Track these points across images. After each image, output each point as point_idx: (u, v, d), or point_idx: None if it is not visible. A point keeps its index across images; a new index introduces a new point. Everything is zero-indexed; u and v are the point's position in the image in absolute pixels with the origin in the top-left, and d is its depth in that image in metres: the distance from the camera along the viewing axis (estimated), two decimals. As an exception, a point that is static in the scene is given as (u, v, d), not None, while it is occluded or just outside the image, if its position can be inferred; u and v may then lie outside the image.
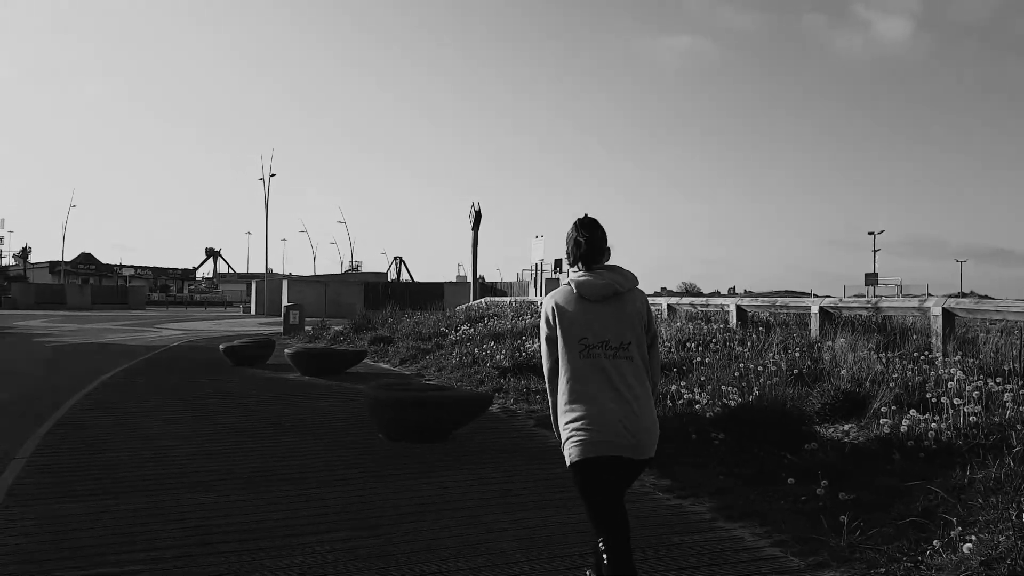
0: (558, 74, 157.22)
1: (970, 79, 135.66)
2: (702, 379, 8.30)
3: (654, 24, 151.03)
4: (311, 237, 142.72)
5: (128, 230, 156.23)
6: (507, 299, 22.86)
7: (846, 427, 6.43)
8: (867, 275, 63.57)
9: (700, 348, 10.32)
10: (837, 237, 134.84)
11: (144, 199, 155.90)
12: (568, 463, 2.82)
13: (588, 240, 2.91)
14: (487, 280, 51.89)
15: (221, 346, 14.38)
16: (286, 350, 12.72)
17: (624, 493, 2.91)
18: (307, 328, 24.32)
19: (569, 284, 2.92)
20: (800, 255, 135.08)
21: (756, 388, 7.46)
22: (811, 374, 8.00)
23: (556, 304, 2.88)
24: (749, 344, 10.09)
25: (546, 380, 2.97)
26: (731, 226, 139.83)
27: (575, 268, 2.96)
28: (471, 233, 26.08)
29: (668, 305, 14.47)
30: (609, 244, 2.95)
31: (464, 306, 25.90)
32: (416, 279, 71.04)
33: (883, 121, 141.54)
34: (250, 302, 54.84)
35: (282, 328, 25.00)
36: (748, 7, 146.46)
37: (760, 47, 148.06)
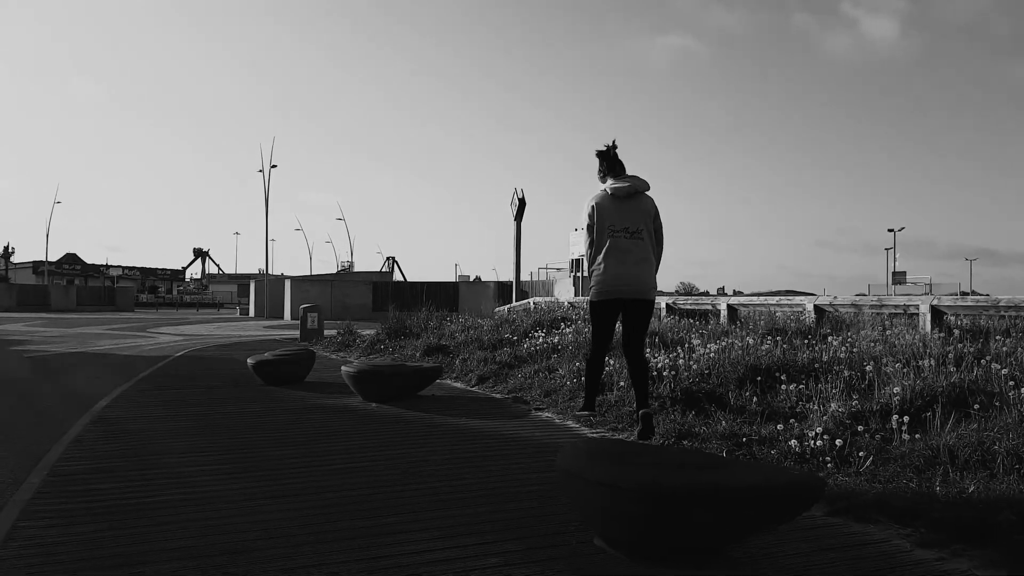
0: (549, 74, 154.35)
1: (957, 79, 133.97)
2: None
3: (644, 23, 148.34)
4: (307, 236, 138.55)
5: (114, 230, 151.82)
6: (564, 299, 19.81)
7: None
8: (894, 274, 61.02)
9: (947, 366, 7.29)
10: (825, 238, 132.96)
11: (130, 199, 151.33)
12: (591, 300, 4.79)
13: (614, 160, 4.82)
14: (499, 279, 48.76)
15: (249, 360, 11.23)
16: (344, 367, 9.58)
17: (643, 332, 5.22)
18: (330, 332, 21.15)
19: (605, 189, 4.77)
20: (789, 255, 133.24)
21: None
22: None
23: (596, 203, 4.72)
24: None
25: (586, 249, 4.73)
26: (720, 226, 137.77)
27: (606, 180, 4.87)
28: (513, 224, 22.95)
29: (816, 306, 11.43)
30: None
31: (507, 308, 22.84)
32: (408, 279, 67.45)
33: (870, 121, 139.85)
34: (248, 303, 51.47)
35: (299, 333, 21.84)
36: (737, 6, 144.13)
37: (750, 46, 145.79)
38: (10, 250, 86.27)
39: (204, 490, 5.03)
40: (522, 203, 22.70)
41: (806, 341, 9.43)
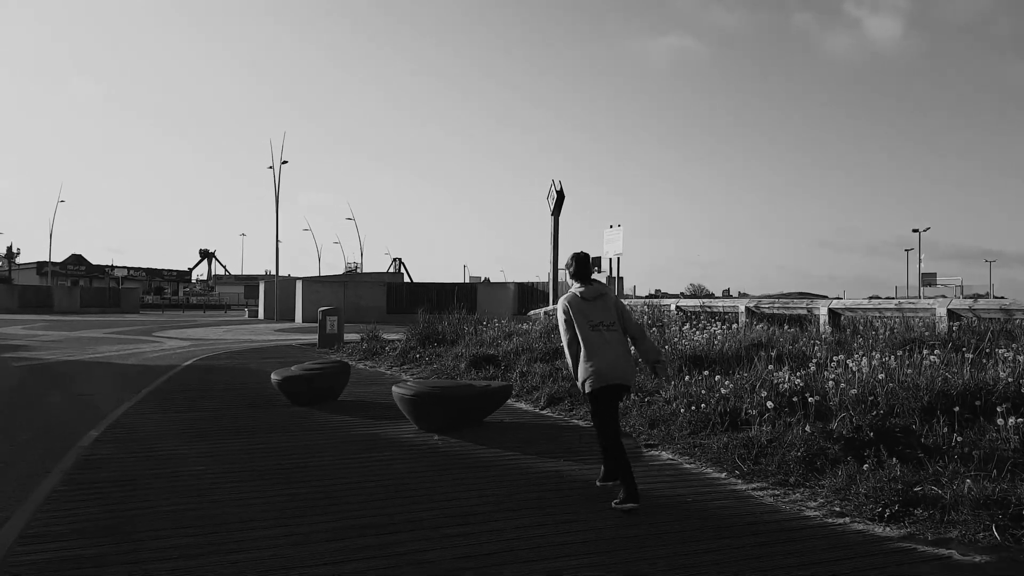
0: (551, 75, 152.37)
1: (959, 79, 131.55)
2: None
3: (644, 23, 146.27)
4: (315, 237, 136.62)
5: (117, 232, 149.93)
6: (644, 300, 17.93)
7: None
8: (923, 275, 58.81)
9: None
10: (826, 238, 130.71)
11: (132, 200, 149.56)
12: (588, 391, 4.91)
13: (586, 267, 5.16)
14: (506, 280, 46.79)
15: (274, 376, 9.37)
16: (396, 388, 7.70)
17: (618, 407, 5.25)
18: (351, 337, 19.31)
19: (574, 292, 5.09)
20: (788, 256, 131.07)
21: None
22: None
23: (570, 303, 5.03)
24: None
25: (567, 346, 5.03)
26: (719, 227, 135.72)
27: (575, 281, 5.17)
28: (551, 219, 21.07)
29: (950, 311, 9.52)
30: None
31: (543, 311, 21.00)
32: (414, 280, 65.06)
33: (870, 121, 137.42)
34: (257, 305, 49.68)
35: (317, 339, 19.98)
36: (737, 5, 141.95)
37: (750, 46, 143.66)
38: (14, 251, 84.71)
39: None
40: (560, 196, 20.79)
41: (967, 356, 7.52)
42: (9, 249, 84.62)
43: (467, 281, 65.03)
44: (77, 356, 16.49)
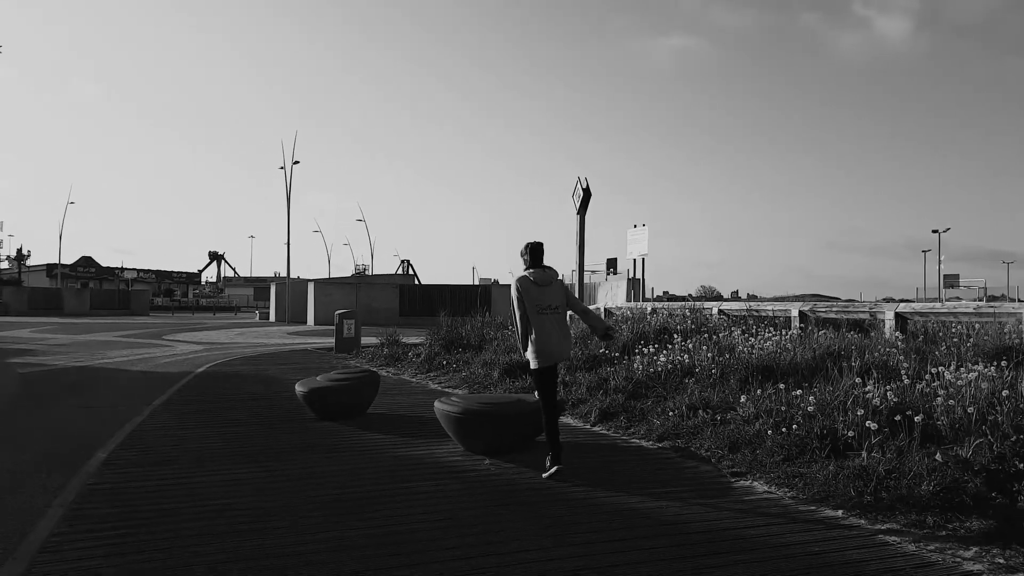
0: (555, 75, 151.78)
1: (968, 78, 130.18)
2: None
3: (648, 24, 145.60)
4: (324, 238, 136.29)
5: (128, 233, 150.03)
6: (680, 304, 17.07)
7: None
8: (946, 276, 57.62)
9: None
10: (834, 239, 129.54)
11: (139, 202, 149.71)
12: (535, 367, 5.76)
13: (538, 253, 5.89)
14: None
15: (299, 387, 8.55)
16: (439, 403, 6.86)
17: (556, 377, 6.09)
18: (368, 340, 18.52)
19: (526, 275, 5.79)
20: (793, 257, 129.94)
21: None
22: None
23: (523, 287, 5.74)
24: None
25: (519, 325, 5.79)
26: (722, 228, 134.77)
27: (527, 267, 5.87)
28: (576, 218, 20.18)
29: (1043, 317, 8.63)
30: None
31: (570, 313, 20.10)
32: (421, 282, 64.02)
33: (879, 121, 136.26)
34: (267, 307, 49.04)
35: (333, 342, 19.21)
36: (743, 5, 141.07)
37: (756, 46, 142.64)
38: (24, 253, 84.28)
39: None
40: (587, 194, 19.81)
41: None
42: (19, 251, 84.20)
43: (477, 283, 64.24)
44: (86, 362, 15.75)
